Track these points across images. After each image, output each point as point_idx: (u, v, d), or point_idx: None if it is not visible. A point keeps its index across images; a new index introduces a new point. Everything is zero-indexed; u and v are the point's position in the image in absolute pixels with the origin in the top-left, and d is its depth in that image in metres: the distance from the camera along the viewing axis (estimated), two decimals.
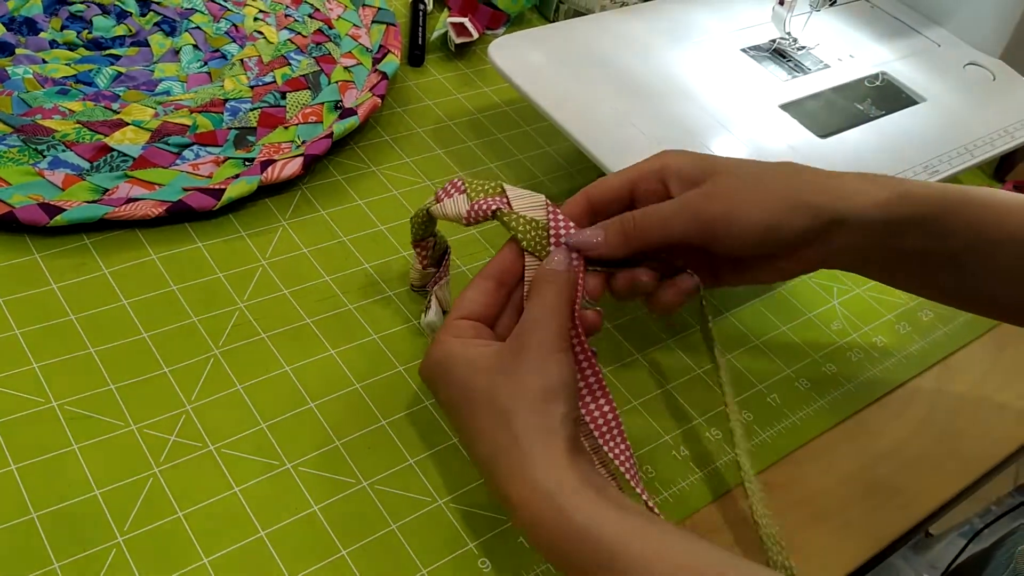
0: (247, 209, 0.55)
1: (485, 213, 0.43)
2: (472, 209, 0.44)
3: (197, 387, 0.46)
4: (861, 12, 0.74)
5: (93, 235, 0.52)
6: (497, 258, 0.43)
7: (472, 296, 0.42)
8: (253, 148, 0.58)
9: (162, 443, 0.43)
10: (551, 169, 0.65)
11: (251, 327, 0.49)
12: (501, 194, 0.44)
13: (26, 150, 0.53)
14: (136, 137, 0.56)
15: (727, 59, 0.66)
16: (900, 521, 0.48)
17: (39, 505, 0.40)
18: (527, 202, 0.44)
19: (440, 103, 0.68)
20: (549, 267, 0.42)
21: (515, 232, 0.43)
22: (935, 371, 0.57)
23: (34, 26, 0.62)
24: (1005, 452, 0.53)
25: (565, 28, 0.66)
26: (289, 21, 0.68)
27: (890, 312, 0.60)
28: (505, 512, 0.39)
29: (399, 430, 0.46)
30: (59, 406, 0.43)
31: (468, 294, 0.43)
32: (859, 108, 0.64)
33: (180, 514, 0.40)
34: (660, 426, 0.50)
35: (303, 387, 0.47)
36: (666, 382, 0.52)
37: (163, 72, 0.62)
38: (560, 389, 0.38)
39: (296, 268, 0.53)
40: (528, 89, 0.58)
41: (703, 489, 0.47)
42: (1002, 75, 0.70)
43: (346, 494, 0.43)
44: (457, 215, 0.44)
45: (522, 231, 0.43)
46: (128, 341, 0.47)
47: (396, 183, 0.60)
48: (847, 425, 0.52)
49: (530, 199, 0.44)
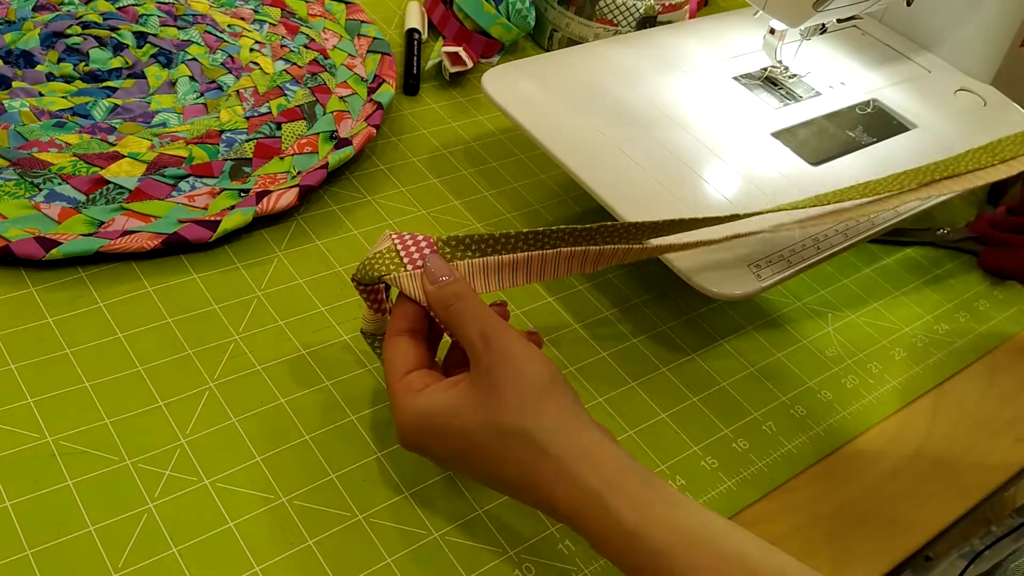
0: (242, 240, 0.56)
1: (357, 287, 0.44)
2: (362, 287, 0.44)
3: (192, 420, 0.46)
4: (852, 39, 0.75)
5: (89, 268, 0.52)
6: (397, 311, 0.43)
7: (399, 352, 0.42)
8: (249, 179, 0.58)
9: (157, 477, 0.43)
10: (546, 197, 0.65)
11: (246, 359, 0.49)
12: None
13: (22, 183, 0.53)
14: (132, 169, 0.56)
15: (719, 87, 0.66)
16: (897, 549, 0.48)
17: (33, 542, 0.39)
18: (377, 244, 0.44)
19: (435, 132, 0.68)
20: (441, 293, 0.41)
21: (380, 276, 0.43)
22: (930, 397, 0.57)
23: (31, 59, 0.63)
24: (1002, 478, 0.53)
25: (558, 57, 0.66)
26: (285, 51, 0.69)
27: (885, 338, 0.60)
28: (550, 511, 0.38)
29: (394, 462, 0.46)
30: (54, 441, 0.43)
31: (397, 351, 0.42)
32: (851, 135, 0.65)
33: (175, 549, 0.40)
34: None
35: (298, 419, 0.47)
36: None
37: (159, 104, 0.62)
38: (552, 380, 0.38)
39: (291, 299, 0.53)
40: (521, 119, 0.58)
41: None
42: (993, 101, 0.71)
43: (341, 527, 0.43)
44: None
45: (384, 269, 0.43)
46: (123, 375, 0.47)
47: (391, 212, 0.60)
48: (843, 452, 0.52)
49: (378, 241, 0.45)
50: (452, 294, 0.41)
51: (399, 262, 0.43)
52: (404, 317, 0.43)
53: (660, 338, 0.56)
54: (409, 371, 0.41)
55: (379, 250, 0.44)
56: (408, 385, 0.40)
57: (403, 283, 0.43)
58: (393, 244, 0.44)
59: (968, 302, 0.63)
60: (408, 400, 0.40)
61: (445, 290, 0.41)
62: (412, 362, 0.41)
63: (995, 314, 0.63)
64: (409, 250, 0.43)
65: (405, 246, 0.43)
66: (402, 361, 0.41)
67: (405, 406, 0.40)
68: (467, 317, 0.40)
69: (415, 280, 0.42)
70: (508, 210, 0.63)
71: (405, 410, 0.40)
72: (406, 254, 0.43)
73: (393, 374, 0.41)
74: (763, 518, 0.48)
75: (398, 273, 0.43)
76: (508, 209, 0.63)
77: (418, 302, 0.42)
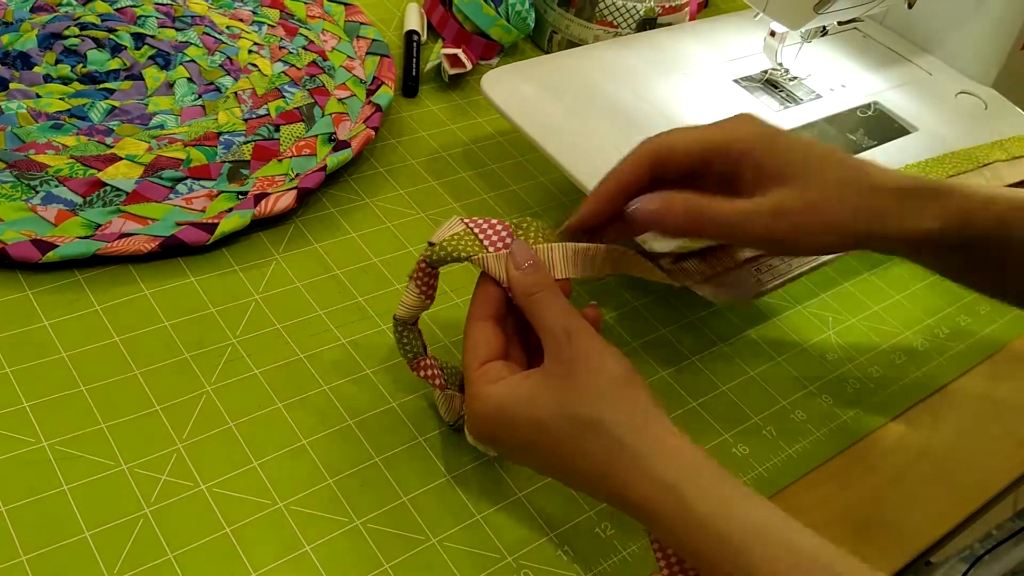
0: (240, 243, 0.55)
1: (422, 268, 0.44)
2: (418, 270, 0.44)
3: (189, 425, 0.45)
4: (853, 41, 0.75)
5: (85, 271, 0.51)
6: (480, 297, 0.43)
7: (482, 338, 0.42)
8: (247, 181, 0.58)
9: (153, 483, 0.43)
10: (545, 200, 0.65)
11: (244, 363, 0.49)
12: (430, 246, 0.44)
13: (19, 186, 0.53)
14: (129, 171, 0.56)
15: (719, 90, 0.66)
16: (897, 556, 0.48)
17: (28, 548, 0.39)
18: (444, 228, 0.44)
19: (434, 134, 0.68)
20: (524, 280, 0.42)
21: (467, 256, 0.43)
22: (931, 402, 0.56)
23: (28, 60, 0.62)
24: (1002, 484, 0.53)
25: (557, 59, 0.66)
26: (283, 53, 0.69)
27: (886, 342, 0.59)
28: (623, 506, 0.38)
29: (392, 467, 0.46)
30: (49, 446, 0.43)
31: (479, 337, 0.42)
32: (851, 138, 0.65)
33: (171, 555, 0.40)
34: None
35: (295, 424, 0.47)
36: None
37: (157, 106, 0.62)
38: (630, 376, 0.39)
39: (289, 302, 0.53)
40: (520, 121, 0.58)
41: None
42: (994, 104, 0.71)
43: (339, 533, 0.43)
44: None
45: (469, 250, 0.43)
46: (120, 378, 0.47)
47: (390, 215, 0.60)
48: (843, 458, 0.52)
49: (445, 226, 0.44)
50: (535, 283, 0.42)
51: (479, 244, 0.43)
52: (487, 303, 0.43)
53: (660, 342, 0.56)
54: (488, 359, 0.41)
55: (454, 232, 0.44)
56: (484, 374, 0.41)
57: (489, 264, 0.43)
58: (468, 227, 0.44)
59: (969, 306, 0.63)
60: (484, 390, 0.40)
61: (528, 278, 0.42)
62: (492, 351, 0.42)
63: (997, 318, 0.62)
64: (487, 233, 0.43)
65: (481, 229, 0.44)
66: (483, 348, 0.42)
67: (480, 395, 0.40)
68: (550, 308, 0.41)
69: (500, 261, 0.42)
70: (508, 212, 0.63)
71: (481, 398, 0.40)
72: (484, 237, 0.43)
73: (473, 360, 0.41)
74: None
75: (484, 255, 0.43)
76: (507, 211, 0.63)
77: (500, 285, 0.43)
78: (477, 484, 0.46)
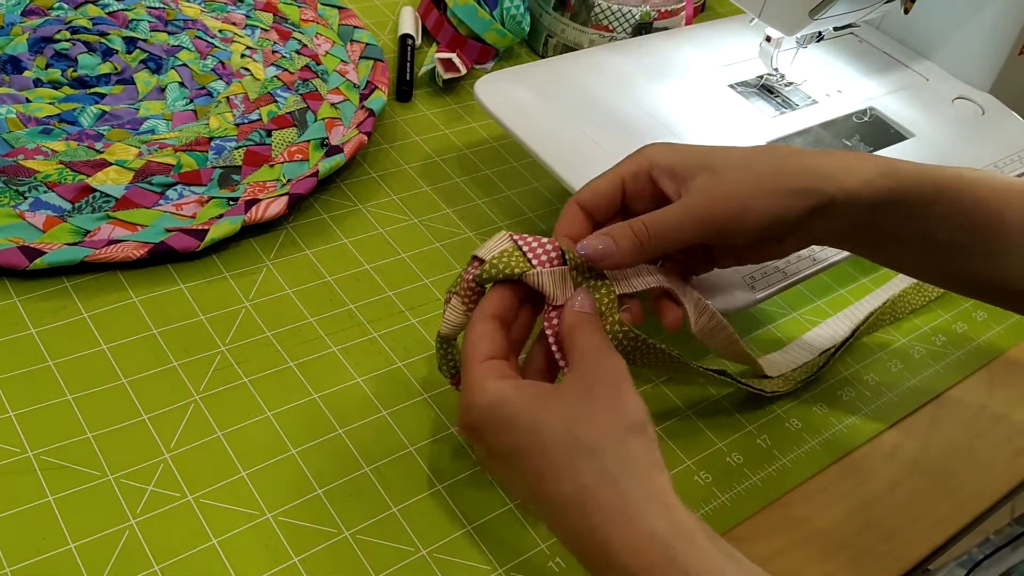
0: (231, 249, 0.55)
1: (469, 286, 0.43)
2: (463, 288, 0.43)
3: (176, 434, 0.45)
4: (849, 47, 0.74)
5: (73, 278, 0.51)
6: (493, 297, 0.42)
7: (488, 335, 0.41)
8: (238, 187, 0.57)
9: (139, 493, 0.42)
10: (539, 205, 0.64)
11: (233, 371, 0.48)
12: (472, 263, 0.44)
13: (7, 191, 0.53)
14: (119, 177, 0.55)
15: (715, 95, 0.65)
16: (895, 565, 0.47)
17: (12, 560, 0.39)
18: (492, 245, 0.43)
19: (428, 139, 0.67)
20: (576, 309, 0.41)
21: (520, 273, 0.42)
22: (928, 409, 0.56)
23: (18, 64, 0.62)
24: (1000, 492, 0.53)
25: (551, 64, 0.65)
26: (276, 57, 0.68)
27: (882, 350, 0.59)
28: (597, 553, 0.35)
29: (382, 477, 0.45)
30: (35, 456, 0.42)
31: (484, 334, 0.41)
32: (848, 144, 0.64)
33: (156, 568, 0.40)
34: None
35: (284, 433, 0.46)
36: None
37: (148, 110, 0.61)
38: (645, 426, 0.37)
39: (280, 309, 0.52)
40: (513, 127, 0.57)
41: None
42: (991, 109, 0.70)
43: (327, 544, 0.42)
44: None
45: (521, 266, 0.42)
46: (107, 387, 0.46)
47: (382, 221, 0.60)
48: (839, 466, 0.51)
49: (493, 242, 0.44)
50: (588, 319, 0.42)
51: (526, 261, 0.42)
52: (499, 304, 0.42)
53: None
54: (493, 356, 0.40)
55: (504, 249, 0.43)
56: (490, 368, 0.39)
57: (544, 281, 0.42)
58: (516, 244, 0.43)
59: (966, 313, 0.63)
60: (487, 381, 0.39)
61: (583, 317, 0.42)
62: (497, 349, 0.40)
63: (993, 325, 0.62)
64: (535, 251, 0.43)
65: (529, 246, 0.43)
66: (488, 345, 0.40)
67: (481, 384, 0.39)
68: (591, 337, 0.40)
69: (555, 278, 0.42)
70: (501, 218, 0.62)
71: (481, 392, 0.38)
72: (532, 255, 0.43)
73: (476, 355, 0.40)
74: (758, 533, 0.47)
75: (536, 272, 0.42)
76: (501, 217, 0.62)
77: (515, 295, 0.42)
78: (468, 495, 0.45)
